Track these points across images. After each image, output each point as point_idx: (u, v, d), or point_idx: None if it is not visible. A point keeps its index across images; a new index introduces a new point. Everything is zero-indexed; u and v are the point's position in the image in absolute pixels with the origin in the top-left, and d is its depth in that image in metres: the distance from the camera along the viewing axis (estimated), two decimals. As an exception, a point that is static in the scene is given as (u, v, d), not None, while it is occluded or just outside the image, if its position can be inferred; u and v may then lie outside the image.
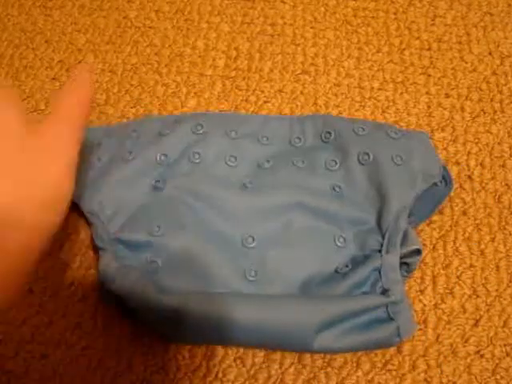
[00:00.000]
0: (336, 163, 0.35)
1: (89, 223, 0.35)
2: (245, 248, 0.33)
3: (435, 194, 0.35)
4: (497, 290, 0.34)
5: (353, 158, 0.35)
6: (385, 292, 0.31)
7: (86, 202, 0.35)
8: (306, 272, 0.32)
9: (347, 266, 0.32)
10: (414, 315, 0.32)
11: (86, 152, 0.37)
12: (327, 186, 0.35)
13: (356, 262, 0.32)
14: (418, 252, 0.32)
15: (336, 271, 0.32)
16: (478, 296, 0.34)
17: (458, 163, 0.39)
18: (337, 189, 0.34)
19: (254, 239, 0.33)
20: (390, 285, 0.31)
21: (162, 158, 0.35)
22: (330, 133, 0.36)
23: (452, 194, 0.37)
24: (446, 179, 0.35)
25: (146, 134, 0.37)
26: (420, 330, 0.33)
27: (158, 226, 0.33)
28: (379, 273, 0.31)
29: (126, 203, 0.34)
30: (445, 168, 0.36)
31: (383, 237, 0.32)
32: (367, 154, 0.35)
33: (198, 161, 0.35)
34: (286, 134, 0.37)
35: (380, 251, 0.32)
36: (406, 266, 0.33)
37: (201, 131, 0.36)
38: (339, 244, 0.33)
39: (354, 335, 0.30)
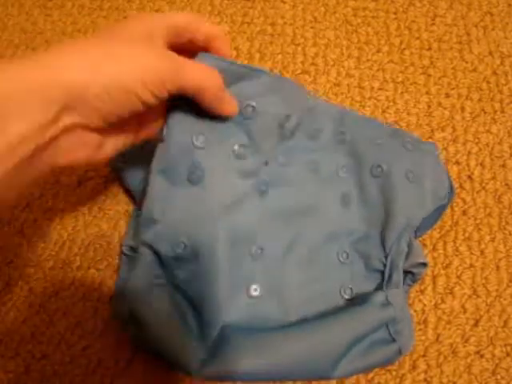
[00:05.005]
0: (349, 170, 0.34)
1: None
2: (253, 259, 0.31)
3: (438, 207, 0.34)
4: (497, 290, 0.34)
5: (366, 169, 0.34)
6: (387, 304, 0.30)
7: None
8: (307, 289, 0.31)
9: (350, 288, 0.32)
10: (413, 330, 0.32)
11: None
12: (338, 194, 0.34)
13: (358, 282, 0.32)
14: (423, 264, 0.32)
15: (340, 293, 0.32)
16: (478, 296, 0.34)
17: (458, 163, 0.39)
18: (346, 199, 0.34)
19: (262, 250, 0.31)
20: (392, 300, 0.31)
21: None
22: (344, 133, 0.35)
23: (452, 193, 0.37)
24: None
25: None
26: (420, 330, 0.33)
27: (183, 242, 0.30)
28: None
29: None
30: (448, 176, 0.35)
31: (386, 257, 0.32)
32: (380, 166, 0.34)
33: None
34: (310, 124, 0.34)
35: (383, 272, 0.32)
36: (411, 274, 0.32)
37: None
38: (342, 259, 0.32)
39: (359, 361, 0.29)
